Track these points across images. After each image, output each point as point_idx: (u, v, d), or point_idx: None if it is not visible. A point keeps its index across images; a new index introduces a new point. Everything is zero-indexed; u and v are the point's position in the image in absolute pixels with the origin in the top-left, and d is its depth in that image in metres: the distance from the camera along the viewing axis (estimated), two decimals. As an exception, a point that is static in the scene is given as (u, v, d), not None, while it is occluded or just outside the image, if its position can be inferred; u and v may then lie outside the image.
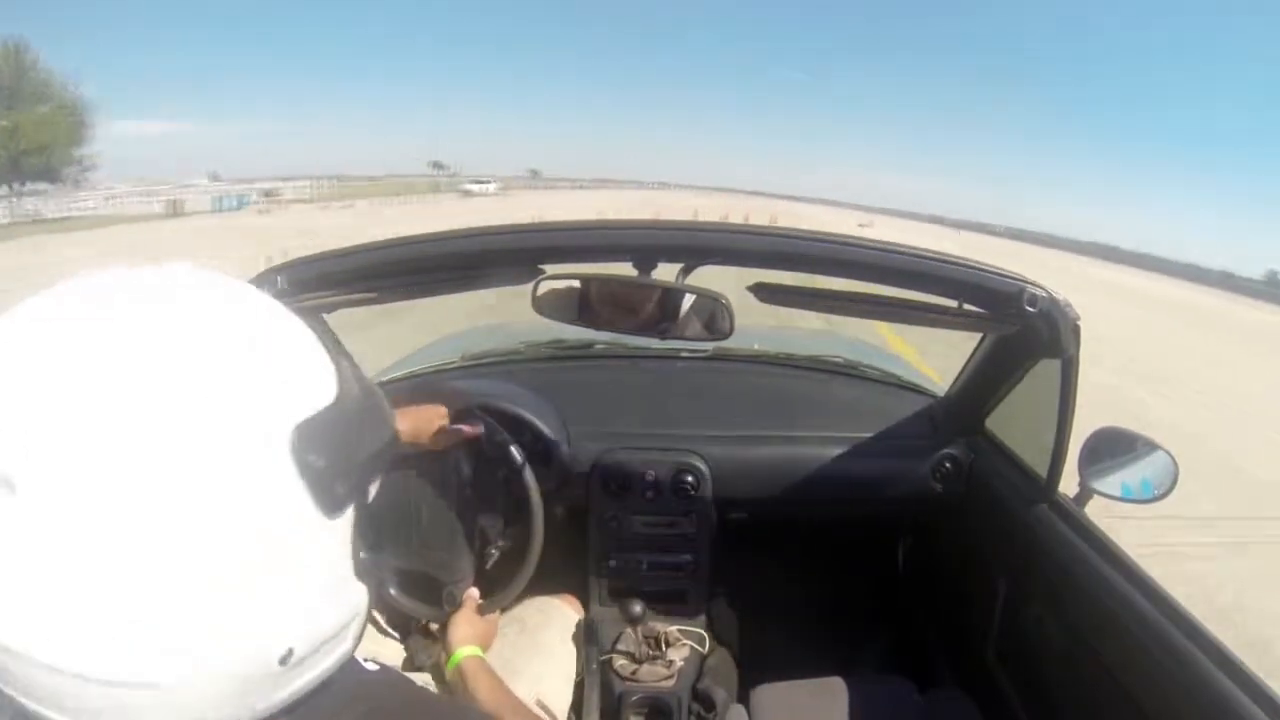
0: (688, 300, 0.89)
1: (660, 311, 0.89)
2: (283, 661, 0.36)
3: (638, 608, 1.23)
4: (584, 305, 0.94)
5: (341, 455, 0.36)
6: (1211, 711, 0.73)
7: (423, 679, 1.01)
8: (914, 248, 0.91)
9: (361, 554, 0.40)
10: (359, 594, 0.40)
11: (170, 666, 0.32)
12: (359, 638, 0.42)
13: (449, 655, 0.97)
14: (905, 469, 1.40)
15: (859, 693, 1.20)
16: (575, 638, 1.25)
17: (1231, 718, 0.71)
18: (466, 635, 1.00)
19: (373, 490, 0.40)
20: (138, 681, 0.32)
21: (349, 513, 0.38)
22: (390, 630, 1.12)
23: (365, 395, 0.39)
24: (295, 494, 0.34)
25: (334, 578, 0.38)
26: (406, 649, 1.08)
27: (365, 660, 0.49)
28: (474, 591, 1.06)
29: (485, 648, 1.01)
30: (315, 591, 0.37)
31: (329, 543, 0.37)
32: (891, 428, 1.43)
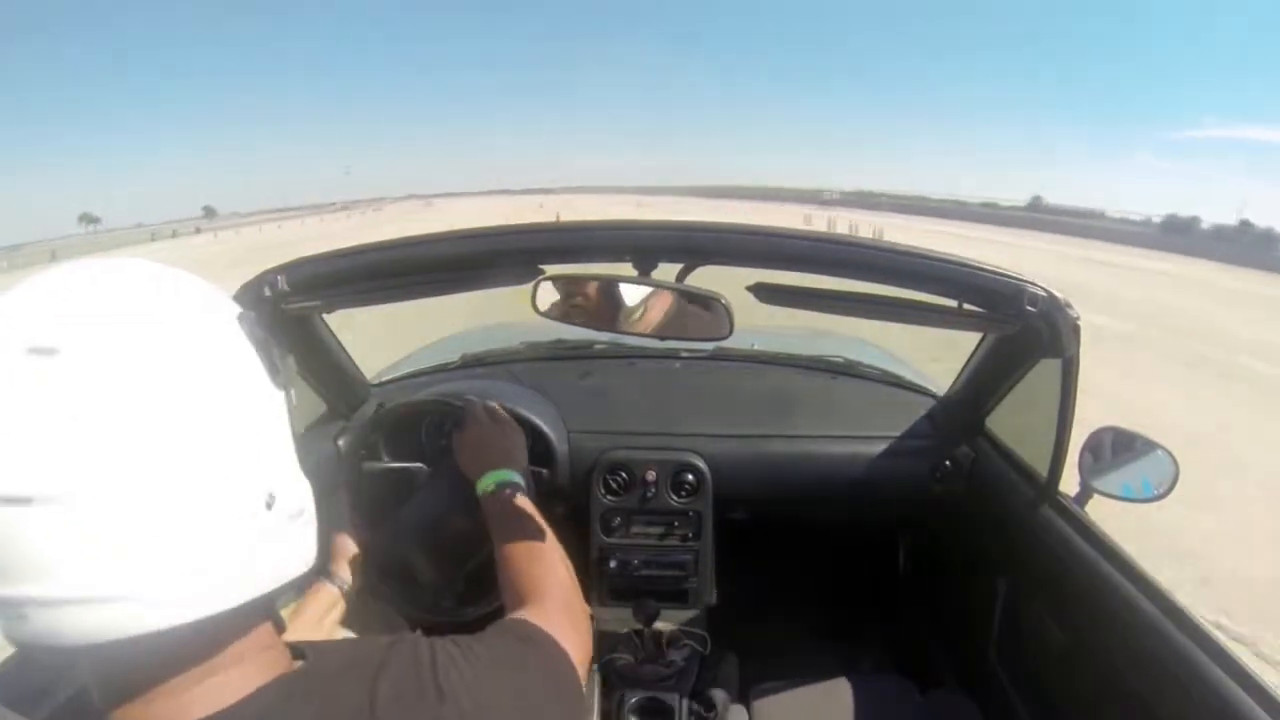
0: (671, 297, 0.89)
1: (656, 310, 0.89)
2: (268, 505, 0.44)
3: (638, 608, 1.23)
4: (581, 305, 0.94)
5: (269, 338, 0.47)
6: (1212, 711, 0.73)
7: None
8: (914, 248, 0.91)
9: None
10: (309, 489, 0.49)
11: (164, 485, 0.40)
12: (314, 542, 0.50)
13: (475, 477, 0.93)
14: (905, 469, 1.40)
15: (859, 693, 1.20)
16: None
17: (1232, 717, 0.71)
18: (490, 456, 0.94)
19: (293, 394, 0.49)
20: (132, 494, 0.39)
21: (285, 399, 0.47)
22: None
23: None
24: (252, 359, 0.45)
25: (288, 451, 0.47)
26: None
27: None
28: (487, 406, 1.01)
29: (520, 466, 0.95)
30: (281, 458, 0.46)
31: (280, 413, 0.47)
32: (892, 428, 1.43)
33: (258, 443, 0.44)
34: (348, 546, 1.02)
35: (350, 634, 1.05)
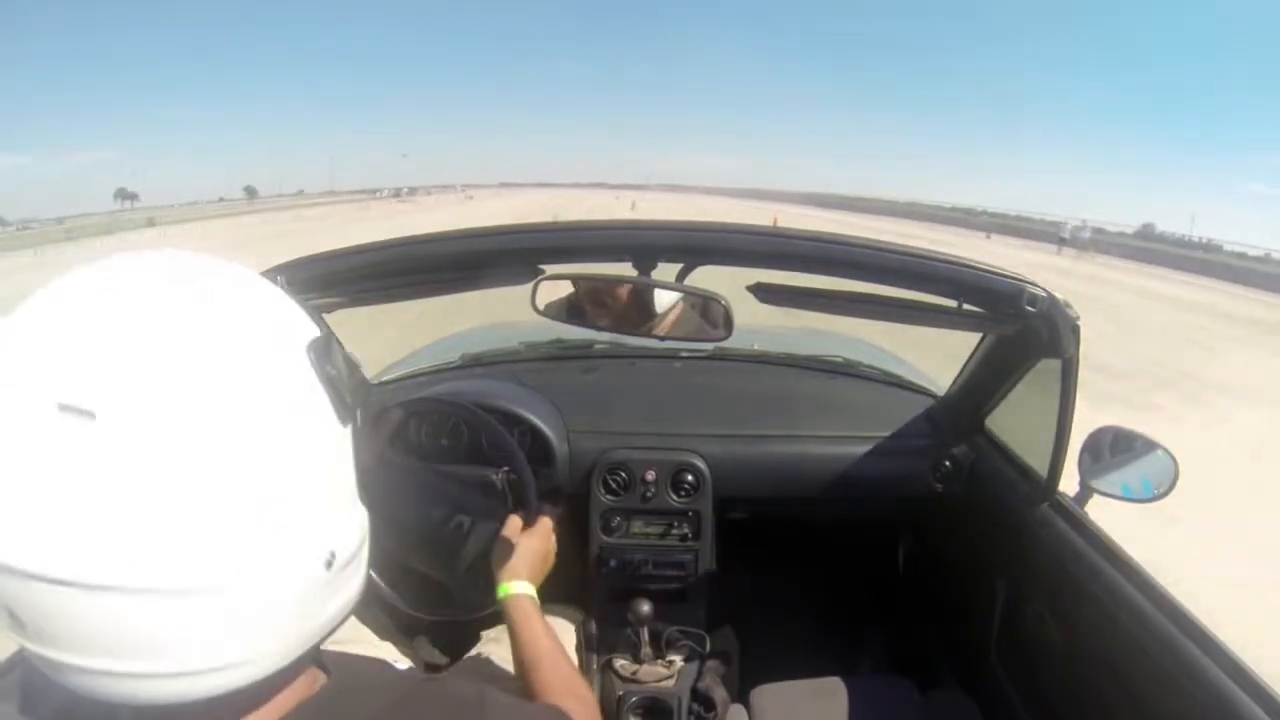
0: (675, 297, 0.89)
1: (649, 311, 0.89)
2: (328, 565, 0.41)
3: (637, 608, 1.24)
4: (579, 305, 0.94)
5: (341, 368, 0.42)
6: (1212, 711, 0.73)
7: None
8: (914, 248, 0.91)
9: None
10: (364, 516, 0.46)
11: (235, 568, 0.36)
12: (366, 568, 0.47)
13: (497, 584, 0.91)
14: (905, 469, 1.40)
15: (859, 693, 1.20)
16: (575, 639, 1.25)
17: (1232, 717, 0.71)
18: (515, 568, 0.92)
19: (359, 415, 0.45)
20: (206, 586, 0.35)
21: (351, 429, 0.43)
22: (395, 632, 1.12)
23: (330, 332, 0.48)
24: (320, 401, 0.40)
25: (350, 491, 0.44)
26: (413, 648, 1.09)
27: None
28: (513, 520, 0.99)
29: (537, 578, 0.94)
30: (342, 500, 0.43)
31: (346, 452, 0.43)
32: (892, 427, 1.43)
33: (323, 495, 0.41)
34: None
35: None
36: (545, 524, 0.99)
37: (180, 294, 0.37)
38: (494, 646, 1.13)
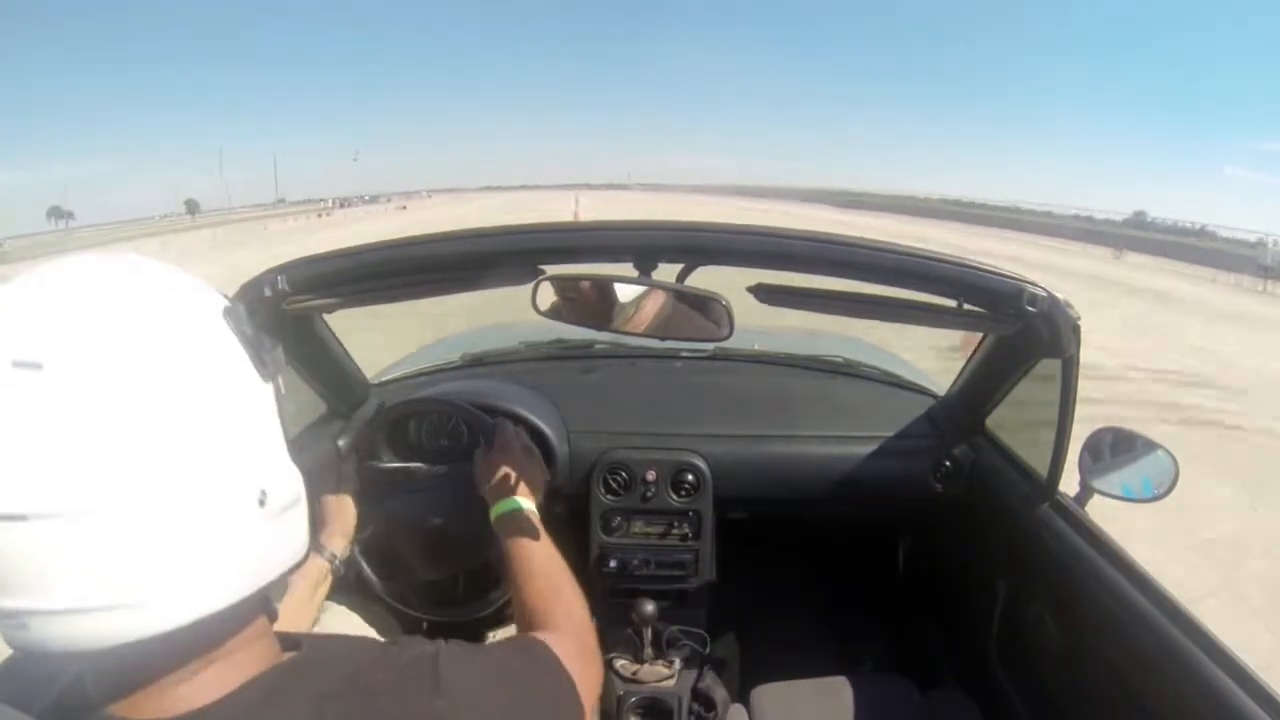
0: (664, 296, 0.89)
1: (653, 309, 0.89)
2: (261, 503, 0.44)
3: (641, 608, 1.24)
4: (574, 302, 0.94)
5: (258, 330, 0.47)
6: (1212, 711, 0.73)
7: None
8: (914, 248, 0.91)
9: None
10: (299, 477, 0.49)
11: (174, 504, 0.40)
12: (307, 532, 0.50)
13: (494, 499, 0.92)
14: (906, 469, 1.40)
15: (859, 692, 1.20)
16: None
17: (1231, 717, 0.71)
18: (494, 489, 0.93)
19: (281, 383, 0.49)
20: (153, 522, 0.39)
21: (274, 390, 0.47)
22: (400, 634, 1.12)
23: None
24: (238, 356, 0.45)
25: (278, 443, 0.47)
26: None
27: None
28: (518, 432, 0.99)
29: (524, 490, 0.94)
30: (269, 448, 0.46)
31: (269, 405, 0.47)
32: (892, 428, 1.43)
33: (248, 440, 0.44)
34: (335, 516, 1.01)
35: (343, 609, 1.06)
36: (504, 437, 1.00)
37: (114, 270, 0.44)
38: None
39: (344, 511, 1.03)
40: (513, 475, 0.95)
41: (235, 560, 0.43)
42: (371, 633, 1.16)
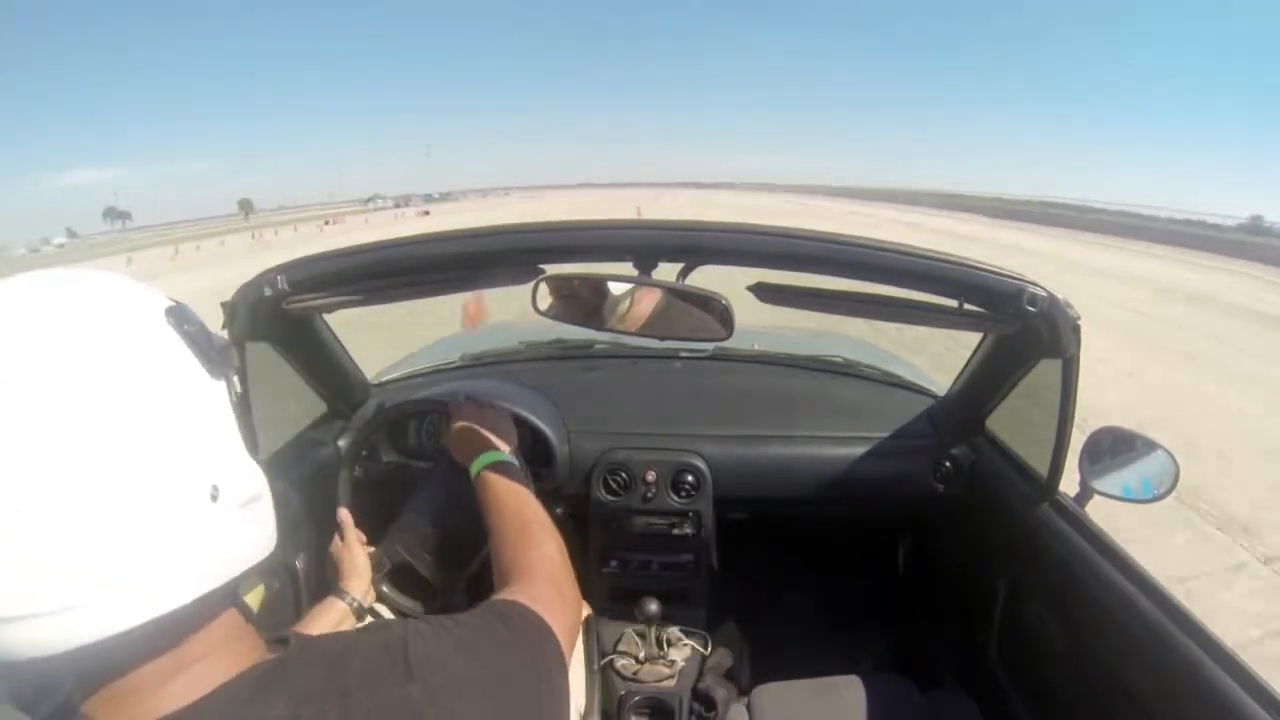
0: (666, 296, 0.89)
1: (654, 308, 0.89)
2: (213, 498, 0.44)
3: (645, 607, 1.24)
4: (569, 300, 0.94)
5: (203, 329, 0.48)
6: (1212, 710, 0.73)
7: None
8: (914, 247, 0.91)
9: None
10: (258, 473, 0.49)
11: (115, 504, 0.40)
12: (273, 527, 0.50)
13: (467, 464, 0.93)
14: (906, 469, 1.40)
15: (859, 692, 1.20)
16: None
17: (1232, 716, 0.71)
18: (463, 450, 0.95)
19: (236, 381, 0.50)
20: (95, 523, 0.39)
21: (226, 388, 0.48)
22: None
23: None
24: (183, 354, 0.45)
25: (232, 440, 0.47)
26: None
27: None
28: (471, 395, 1.03)
29: (497, 443, 0.97)
30: (221, 443, 0.46)
31: (219, 403, 0.47)
32: (892, 428, 1.43)
33: (195, 436, 0.44)
34: (356, 563, 1.02)
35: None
36: (456, 406, 1.03)
37: (52, 282, 0.44)
38: None
39: (353, 556, 1.03)
40: (475, 434, 0.98)
41: (191, 556, 0.42)
42: None
